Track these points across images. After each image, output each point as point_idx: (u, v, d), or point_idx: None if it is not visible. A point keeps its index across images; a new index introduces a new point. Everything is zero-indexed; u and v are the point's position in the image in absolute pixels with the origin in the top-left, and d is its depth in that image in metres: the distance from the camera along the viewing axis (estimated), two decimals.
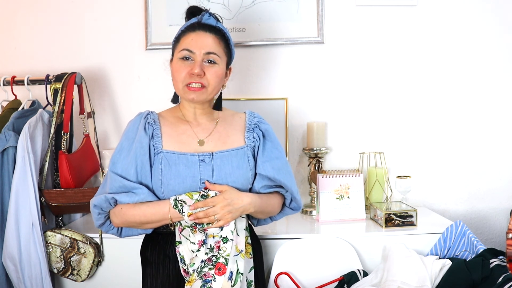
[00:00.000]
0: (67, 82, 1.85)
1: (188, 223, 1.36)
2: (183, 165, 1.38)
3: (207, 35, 1.40)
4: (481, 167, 2.18)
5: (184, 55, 1.39)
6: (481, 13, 2.14)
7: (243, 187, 1.43)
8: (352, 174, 1.97)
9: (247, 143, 1.47)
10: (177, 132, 1.44)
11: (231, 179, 1.40)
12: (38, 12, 2.19)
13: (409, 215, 1.84)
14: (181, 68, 1.39)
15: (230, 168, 1.41)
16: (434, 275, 1.58)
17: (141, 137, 1.39)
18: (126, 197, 1.35)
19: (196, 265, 1.33)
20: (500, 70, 2.16)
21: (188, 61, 1.39)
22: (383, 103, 2.17)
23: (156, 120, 1.45)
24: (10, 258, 1.67)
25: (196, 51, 1.38)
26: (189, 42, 1.39)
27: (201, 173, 1.38)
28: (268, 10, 2.13)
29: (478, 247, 1.63)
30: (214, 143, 1.44)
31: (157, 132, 1.42)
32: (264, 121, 1.53)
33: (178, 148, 1.40)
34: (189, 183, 1.37)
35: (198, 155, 1.39)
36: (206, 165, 1.39)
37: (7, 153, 1.71)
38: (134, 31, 2.17)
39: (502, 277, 1.44)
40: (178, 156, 1.39)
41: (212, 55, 1.39)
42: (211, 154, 1.40)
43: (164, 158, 1.38)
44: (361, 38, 2.16)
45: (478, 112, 2.17)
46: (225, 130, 1.48)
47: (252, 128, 1.50)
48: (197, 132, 1.45)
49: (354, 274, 1.66)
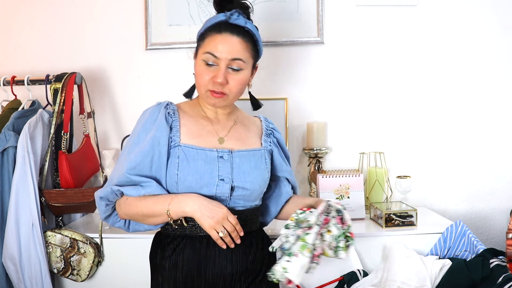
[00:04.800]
0: (67, 82, 1.85)
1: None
2: (202, 161, 1.33)
3: (234, 39, 1.32)
4: (481, 167, 2.18)
5: (207, 60, 1.32)
6: (481, 13, 2.14)
7: (260, 188, 1.41)
8: (352, 174, 1.97)
9: (263, 146, 1.46)
10: (197, 127, 1.40)
11: (249, 179, 1.37)
12: (38, 12, 2.19)
13: (409, 215, 1.84)
14: (204, 72, 1.33)
15: (248, 168, 1.38)
16: (434, 275, 1.58)
17: (162, 127, 1.34)
18: (132, 190, 1.31)
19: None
20: (500, 70, 2.16)
21: (212, 67, 1.32)
22: (383, 103, 2.17)
23: (176, 111, 1.40)
24: (10, 258, 1.67)
25: (221, 57, 1.31)
26: (214, 46, 1.31)
27: (219, 170, 1.34)
28: (268, 10, 2.13)
29: (478, 247, 1.63)
30: (234, 142, 1.41)
31: (175, 124, 1.37)
32: (277, 129, 1.55)
33: (197, 143, 1.36)
34: (207, 179, 1.32)
35: (217, 151, 1.35)
36: (225, 162, 1.35)
37: (7, 153, 1.71)
38: (134, 31, 2.17)
39: (502, 277, 1.45)
40: (197, 151, 1.34)
41: (238, 62, 1.32)
42: (231, 151, 1.37)
43: (182, 152, 1.33)
44: (361, 38, 2.16)
45: (478, 112, 2.17)
46: (244, 131, 1.46)
47: (268, 133, 1.50)
48: (217, 130, 1.42)
49: (354, 274, 1.66)
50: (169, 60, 2.18)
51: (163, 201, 1.29)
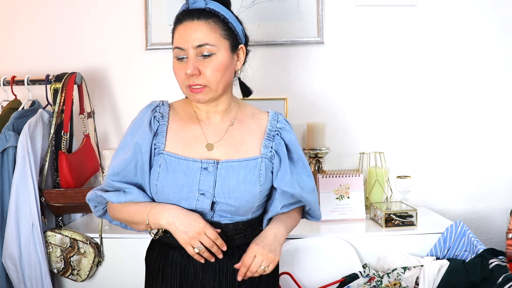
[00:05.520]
0: (67, 82, 1.85)
1: None
2: (182, 172, 1.22)
3: (195, 24, 1.19)
4: (481, 167, 2.18)
5: (177, 55, 1.21)
6: (481, 13, 2.14)
7: (249, 204, 1.25)
8: (352, 174, 1.97)
9: (262, 153, 1.27)
10: (185, 132, 1.28)
11: (234, 195, 1.22)
12: (38, 12, 2.19)
13: (409, 215, 1.84)
14: (178, 69, 1.22)
15: (235, 182, 1.23)
16: (433, 276, 1.58)
17: (145, 134, 1.25)
18: (114, 196, 1.24)
19: None
20: (500, 70, 2.15)
21: (183, 61, 1.20)
22: (383, 103, 2.17)
23: (165, 114, 1.29)
24: (10, 258, 1.67)
25: (186, 47, 1.19)
26: (177, 38, 1.21)
27: (200, 183, 1.21)
28: (268, 10, 2.13)
29: (478, 247, 1.63)
30: (225, 149, 1.26)
31: (162, 130, 1.26)
32: (287, 128, 1.32)
33: (181, 151, 1.24)
34: (186, 193, 1.21)
35: (201, 162, 1.22)
36: (209, 174, 1.22)
37: (7, 153, 1.71)
38: (134, 31, 2.17)
39: (502, 277, 1.44)
40: (179, 161, 1.23)
41: (205, 47, 1.18)
42: (216, 162, 1.23)
43: (164, 161, 1.23)
44: (361, 38, 2.16)
45: (478, 112, 2.17)
46: (240, 134, 1.29)
47: (272, 135, 1.30)
48: (208, 134, 1.28)
49: (356, 276, 1.66)
50: (169, 60, 2.13)
51: (144, 209, 1.22)
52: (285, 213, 1.34)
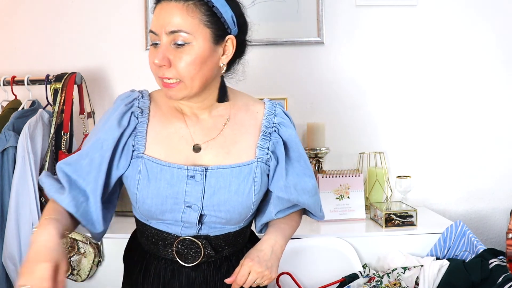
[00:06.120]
0: (67, 82, 1.85)
1: None
2: (165, 182, 1.05)
3: (171, 6, 1.00)
4: (481, 167, 2.18)
5: (152, 40, 1.03)
6: (481, 13, 2.14)
7: (241, 216, 1.11)
8: (352, 174, 1.97)
9: (257, 156, 1.10)
10: (168, 130, 1.10)
11: (225, 208, 1.07)
12: (38, 12, 2.18)
13: (409, 215, 1.84)
14: (150, 56, 1.04)
15: (226, 193, 1.07)
16: (433, 276, 1.58)
17: (111, 129, 1.06)
18: (51, 187, 1.06)
19: None
20: (500, 70, 2.15)
21: (157, 47, 1.03)
22: (383, 103, 2.17)
23: (146, 109, 1.11)
24: (10, 258, 1.67)
25: (158, 31, 1.01)
26: (153, 21, 1.03)
27: (186, 195, 1.06)
28: (268, 10, 2.13)
29: (478, 247, 1.63)
30: (214, 152, 1.09)
31: (142, 128, 1.08)
32: (286, 122, 1.15)
33: (164, 155, 1.07)
34: (170, 205, 1.06)
35: (188, 169, 1.06)
36: (196, 184, 1.06)
37: (7, 153, 1.71)
38: (134, 31, 2.17)
39: (502, 277, 1.44)
40: (162, 168, 1.05)
41: (179, 34, 0.99)
42: (205, 169, 1.06)
43: (144, 167, 1.06)
44: (361, 38, 2.16)
45: (478, 112, 2.17)
46: (232, 133, 1.11)
47: (268, 133, 1.12)
48: (194, 133, 1.10)
49: (356, 276, 1.66)
50: None
51: (43, 215, 1.01)
52: (284, 219, 1.20)
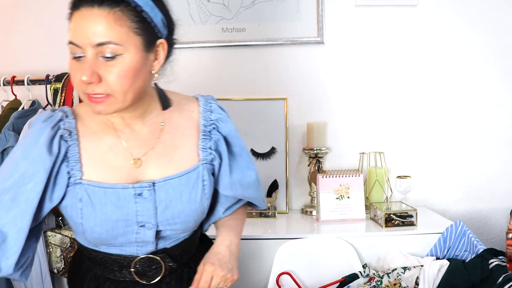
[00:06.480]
0: (67, 82, 1.85)
1: None
2: (112, 205, 0.97)
3: (95, 14, 0.88)
4: (481, 167, 2.17)
5: (74, 52, 0.92)
6: (481, 13, 2.13)
7: (196, 223, 1.08)
8: (352, 174, 1.97)
9: (201, 158, 1.05)
10: (102, 149, 1.00)
11: (180, 219, 1.02)
12: (38, 12, 2.18)
13: (409, 215, 1.84)
14: (74, 70, 0.93)
15: (179, 203, 1.01)
16: (433, 276, 1.58)
17: (41, 159, 0.94)
18: None
19: None
20: (500, 70, 2.15)
21: (80, 60, 0.91)
22: (383, 103, 2.17)
23: (73, 129, 0.99)
24: None
25: (82, 44, 0.90)
26: (72, 30, 0.92)
27: (138, 215, 0.99)
28: (268, 10, 2.13)
29: (478, 247, 1.63)
30: (156, 162, 1.02)
31: (73, 152, 0.97)
32: (223, 117, 1.09)
33: (103, 177, 0.97)
34: (121, 229, 0.99)
35: (133, 187, 0.98)
36: (145, 201, 0.99)
37: (7, 153, 1.71)
38: None
39: (502, 277, 1.44)
40: (105, 191, 0.96)
41: (107, 47, 0.88)
42: (152, 184, 0.99)
43: (85, 194, 0.96)
44: (361, 38, 2.16)
45: (477, 112, 2.17)
46: (171, 139, 1.04)
47: (208, 131, 1.07)
48: (131, 147, 1.01)
49: (356, 276, 1.66)
50: None
51: None
52: (232, 216, 1.18)
